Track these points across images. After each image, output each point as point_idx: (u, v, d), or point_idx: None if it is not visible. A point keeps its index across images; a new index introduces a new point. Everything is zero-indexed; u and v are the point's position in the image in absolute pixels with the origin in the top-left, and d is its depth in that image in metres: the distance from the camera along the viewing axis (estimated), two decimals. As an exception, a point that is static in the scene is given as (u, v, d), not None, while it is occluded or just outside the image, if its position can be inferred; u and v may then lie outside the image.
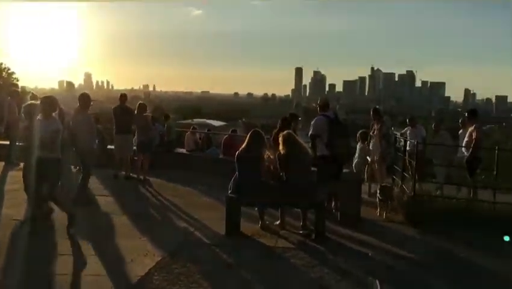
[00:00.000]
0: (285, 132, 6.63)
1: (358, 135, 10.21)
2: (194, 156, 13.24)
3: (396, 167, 9.68)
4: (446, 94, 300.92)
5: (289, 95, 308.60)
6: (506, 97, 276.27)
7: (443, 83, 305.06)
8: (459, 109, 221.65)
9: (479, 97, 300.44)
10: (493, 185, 8.48)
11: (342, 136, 7.57)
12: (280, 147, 6.41)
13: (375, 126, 9.77)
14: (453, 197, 8.00)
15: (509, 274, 5.43)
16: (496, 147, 7.94)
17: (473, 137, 9.03)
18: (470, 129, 9.24)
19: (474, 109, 9.97)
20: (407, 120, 11.05)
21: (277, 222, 6.78)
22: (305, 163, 6.35)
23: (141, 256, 5.35)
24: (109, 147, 11.23)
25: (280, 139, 6.47)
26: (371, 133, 9.85)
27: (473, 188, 9.06)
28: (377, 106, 11.00)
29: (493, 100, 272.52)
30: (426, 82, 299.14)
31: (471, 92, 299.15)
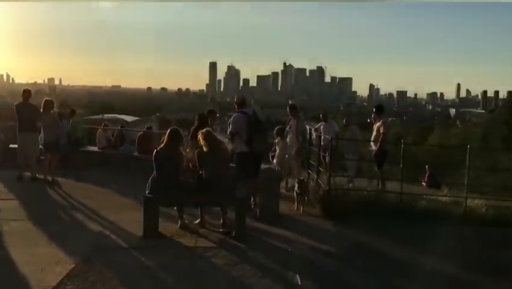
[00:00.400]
0: (204, 129, 6.53)
1: (275, 131, 10.38)
2: (106, 154, 12.69)
3: (311, 161, 9.97)
4: (353, 89, 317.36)
5: (203, 90, 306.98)
6: (405, 92, 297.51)
7: (350, 79, 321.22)
8: (365, 104, 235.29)
9: (382, 92, 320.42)
10: (400, 177, 9.00)
11: (261, 133, 7.62)
12: (200, 144, 6.30)
13: (292, 122, 9.99)
14: (365, 189, 8.41)
15: (418, 261, 5.79)
16: (402, 141, 8.45)
17: (381, 132, 9.59)
18: (378, 124, 9.79)
19: (380, 105, 10.59)
20: (320, 116, 11.43)
21: (197, 221, 6.67)
22: (224, 160, 6.31)
23: (52, 264, 4.98)
24: (12, 146, 10.37)
25: (199, 136, 6.35)
26: (287, 128, 10.06)
27: (382, 180, 9.62)
28: (293, 103, 11.29)
29: (395, 95, 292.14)
30: (335, 77, 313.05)
31: (375, 87, 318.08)
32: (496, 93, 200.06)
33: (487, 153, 31.46)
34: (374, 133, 9.85)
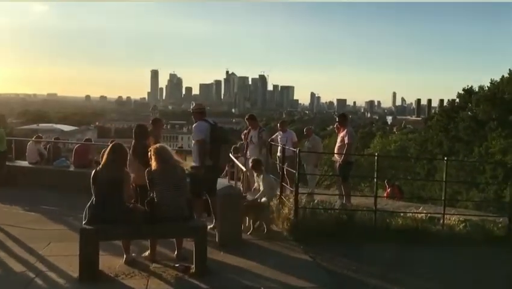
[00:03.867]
0: (157, 144, 5.45)
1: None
2: (38, 169, 11.30)
3: (272, 175, 9.05)
4: (295, 97, 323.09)
5: (145, 98, 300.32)
6: (345, 100, 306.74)
7: (292, 87, 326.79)
8: (307, 111, 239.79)
9: (322, 100, 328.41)
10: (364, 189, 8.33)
11: (226, 143, 6.69)
12: (152, 162, 5.21)
13: (252, 132, 9.07)
14: (335, 208, 7.61)
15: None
16: (376, 154, 7.74)
17: (346, 142, 8.86)
18: (342, 133, 9.07)
19: (344, 114, 9.90)
20: (278, 125, 10.59)
21: (147, 253, 5.55)
22: (180, 181, 5.22)
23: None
24: None
25: (150, 153, 5.26)
26: (248, 140, 9.12)
27: (347, 194, 8.89)
28: (252, 113, 10.41)
29: (335, 103, 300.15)
30: (277, 85, 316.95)
31: (316, 95, 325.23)
32: (429, 101, 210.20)
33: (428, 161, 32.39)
34: (338, 143, 9.12)
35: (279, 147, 9.86)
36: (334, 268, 5.66)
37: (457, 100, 38.64)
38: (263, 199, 7.28)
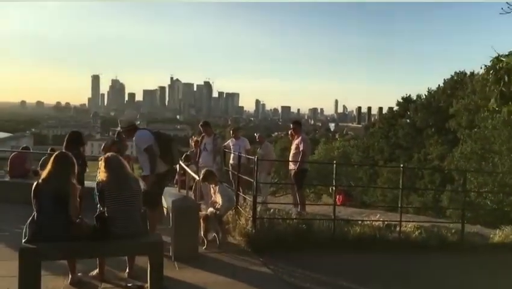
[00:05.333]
0: (107, 153, 5.00)
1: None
2: (-34, 181, 10.34)
3: (226, 184, 8.75)
4: (240, 104, 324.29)
5: (85, 104, 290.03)
6: (289, 107, 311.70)
7: (237, 94, 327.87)
8: (252, 118, 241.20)
9: (267, 107, 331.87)
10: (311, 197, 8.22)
11: (172, 141, 6.33)
12: (101, 172, 4.76)
13: (205, 139, 8.73)
14: (292, 218, 7.42)
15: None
16: (334, 162, 7.62)
17: (300, 149, 8.75)
18: (296, 141, 8.96)
19: (298, 120, 9.79)
20: (231, 132, 10.32)
21: (95, 272, 5.07)
22: (134, 194, 4.80)
23: None
24: None
25: (101, 162, 4.81)
26: (200, 147, 8.77)
27: (302, 202, 8.77)
28: (206, 120, 10.06)
29: (279, 110, 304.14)
30: (222, 92, 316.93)
31: (261, 102, 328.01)
32: (369, 108, 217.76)
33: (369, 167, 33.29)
34: (293, 151, 8.98)
35: (232, 155, 9.59)
36: (294, 281, 5.43)
37: (396, 108, 40.20)
38: (218, 209, 6.94)
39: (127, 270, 5.12)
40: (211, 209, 6.75)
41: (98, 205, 4.76)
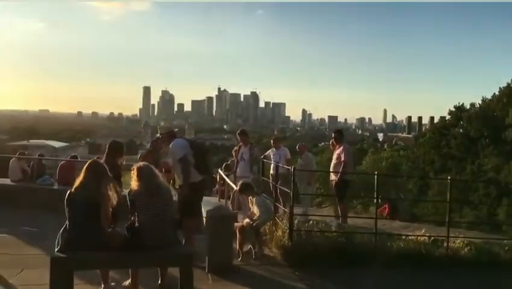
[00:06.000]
0: (140, 163, 4.99)
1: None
2: (20, 187, 10.77)
3: (264, 195, 8.59)
4: (286, 114, 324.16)
5: (137, 114, 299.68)
6: (336, 117, 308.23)
7: (284, 104, 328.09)
8: (298, 128, 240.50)
9: (314, 117, 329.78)
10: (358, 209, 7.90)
11: (207, 153, 6.28)
12: (133, 182, 4.73)
13: (242, 149, 8.64)
14: (331, 231, 7.16)
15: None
16: (376, 173, 7.31)
17: (342, 159, 8.48)
18: (338, 150, 8.69)
19: (340, 130, 9.53)
20: (271, 141, 10.17)
21: (127, 282, 5.04)
22: (165, 204, 4.74)
23: None
24: None
25: (133, 171, 4.79)
26: (238, 157, 8.68)
27: (344, 215, 8.47)
28: (244, 128, 9.98)
29: (326, 120, 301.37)
30: (269, 102, 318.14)
31: (308, 112, 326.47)
32: (420, 118, 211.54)
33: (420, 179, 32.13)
34: (334, 161, 8.72)
35: (272, 165, 9.43)
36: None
37: (448, 117, 38.72)
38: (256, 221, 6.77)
39: (159, 281, 5.05)
40: (247, 220, 6.61)
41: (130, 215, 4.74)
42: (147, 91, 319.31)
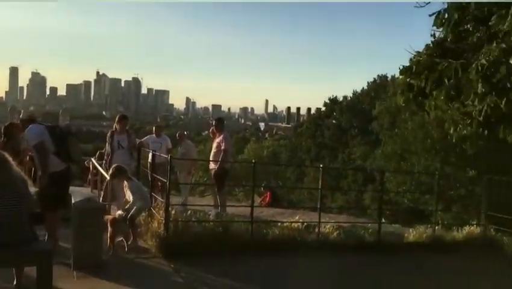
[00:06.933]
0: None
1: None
2: None
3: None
4: (170, 102, 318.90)
5: (2, 97, 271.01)
6: (220, 106, 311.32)
7: (167, 91, 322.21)
8: (182, 116, 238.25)
9: (198, 105, 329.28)
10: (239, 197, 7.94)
11: (71, 136, 5.75)
12: None
13: (119, 135, 8.07)
14: (209, 220, 7.05)
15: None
16: (253, 161, 7.35)
17: (222, 148, 8.41)
18: (218, 139, 8.61)
19: (221, 118, 9.46)
20: (154, 129, 9.73)
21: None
22: (21, 196, 4.18)
23: None
24: None
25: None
26: (113, 144, 8.09)
27: (223, 203, 8.43)
28: (124, 113, 9.33)
29: (210, 108, 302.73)
30: (151, 89, 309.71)
31: (192, 101, 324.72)
32: (298, 109, 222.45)
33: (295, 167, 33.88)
34: (214, 149, 8.62)
35: (150, 153, 9.03)
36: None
37: (323, 109, 41.26)
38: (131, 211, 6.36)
39: (14, 282, 4.49)
40: (119, 212, 6.22)
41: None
42: (14, 71, 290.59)
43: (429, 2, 6.10)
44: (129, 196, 6.41)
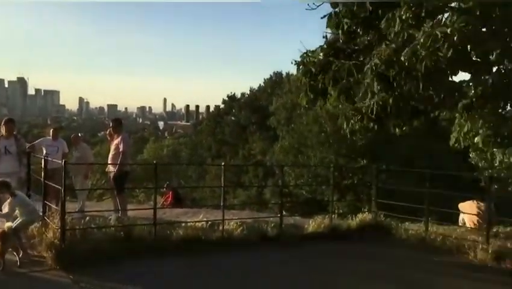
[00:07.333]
0: None
1: None
2: None
3: (30, 192, 7.61)
4: (61, 103, 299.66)
5: None
6: (116, 105, 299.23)
7: (57, 92, 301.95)
8: (75, 117, 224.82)
9: (92, 105, 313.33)
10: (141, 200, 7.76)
11: None
12: None
13: (4, 141, 7.40)
14: (111, 225, 6.78)
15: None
16: (155, 162, 7.19)
17: (120, 150, 8.13)
18: (116, 141, 8.30)
19: (118, 118, 9.11)
20: (51, 132, 9.05)
21: None
22: None
23: None
24: None
25: None
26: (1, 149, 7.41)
27: (123, 207, 8.16)
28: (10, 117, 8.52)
29: (105, 108, 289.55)
30: (40, 89, 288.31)
31: (85, 100, 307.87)
32: (197, 106, 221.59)
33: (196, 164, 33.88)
34: (112, 152, 8.29)
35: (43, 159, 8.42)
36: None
37: (222, 106, 41.59)
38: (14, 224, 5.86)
39: None
40: (8, 224, 5.75)
41: None
42: None
43: (321, 4, 6.51)
44: (14, 210, 5.95)
